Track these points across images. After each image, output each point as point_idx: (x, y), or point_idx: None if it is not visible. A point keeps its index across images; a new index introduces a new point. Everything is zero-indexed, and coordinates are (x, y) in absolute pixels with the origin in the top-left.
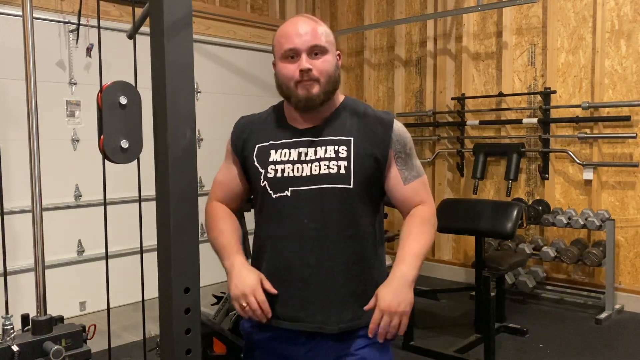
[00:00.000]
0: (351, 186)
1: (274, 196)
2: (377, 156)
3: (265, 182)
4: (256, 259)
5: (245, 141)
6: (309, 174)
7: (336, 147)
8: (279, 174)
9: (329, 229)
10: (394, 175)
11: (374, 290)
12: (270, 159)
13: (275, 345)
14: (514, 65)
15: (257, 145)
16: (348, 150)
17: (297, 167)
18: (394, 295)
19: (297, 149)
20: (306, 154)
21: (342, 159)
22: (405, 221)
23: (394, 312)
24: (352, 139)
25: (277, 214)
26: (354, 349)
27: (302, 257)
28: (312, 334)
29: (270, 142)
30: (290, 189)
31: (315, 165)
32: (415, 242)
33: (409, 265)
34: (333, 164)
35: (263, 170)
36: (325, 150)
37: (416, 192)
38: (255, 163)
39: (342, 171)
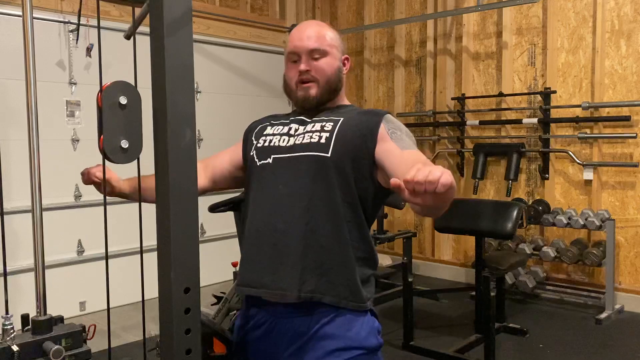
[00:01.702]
0: (328, 155)
1: (258, 164)
2: (364, 133)
3: (253, 152)
4: (242, 225)
5: (254, 127)
6: (292, 144)
7: (324, 123)
8: (266, 144)
9: (301, 196)
10: (389, 147)
11: (343, 271)
12: (264, 133)
13: (261, 346)
14: (514, 65)
15: (259, 126)
16: (334, 126)
17: (284, 139)
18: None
19: (289, 125)
20: (296, 130)
21: (326, 132)
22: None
23: (435, 168)
24: (341, 118)
25: (258, 181)
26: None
27: (272, 222)
28: (296, 335)
29: (271, 121)
30: (273, 156)
31: (300, 137)
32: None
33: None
34: (316, 135)
35: (255, 142)
36: (313, 125)
37: (417, 156)
38: (252, 138)
39: (323, 141)
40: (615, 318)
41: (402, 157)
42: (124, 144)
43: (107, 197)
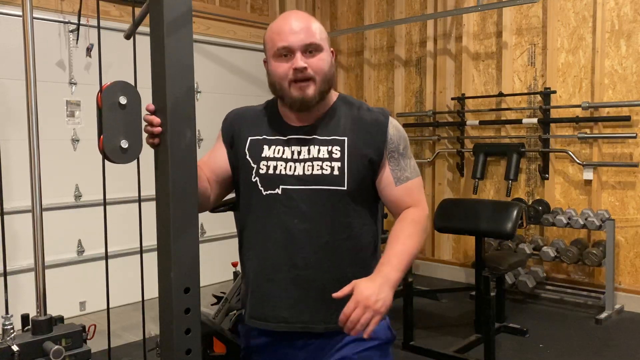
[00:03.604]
0: (345, 188)
1: (264, 193)
2: (372, 157)
3: (256, 178)
4: (243, 256)
5: (237, 132)
6: (301, 173)
7: (330, 147)
8: (270, 171)
9: (320, 231)
10: (386, 176)
11: None
12: (263, 155)
13: (273, 350)
14: (514, 65)
15: (249, 138)
16: (342, 151)
17: (290, 166)
18: (374, 290)
19: (290, 147)
20: (299, 153)
21: (336, 160)
22: (395, 223)
23: (369, 306)
24: (345, 138)
25: (266, 212)
26: (353, 352)
27: (290, 258)
28: (310, 337)
29: (264, 136)
30: (281, 187)
31: (309, 165)
32: (403, 244)
33: (394, 266)
34: (327, 165)
35: (255, 166)
36: (319, 150)
37: (408, 194)
38: (247, 157)
39: (336, 172)
40: (615, 318)
41: (394, 195)
42: (124, 144)
43: (107, 197)
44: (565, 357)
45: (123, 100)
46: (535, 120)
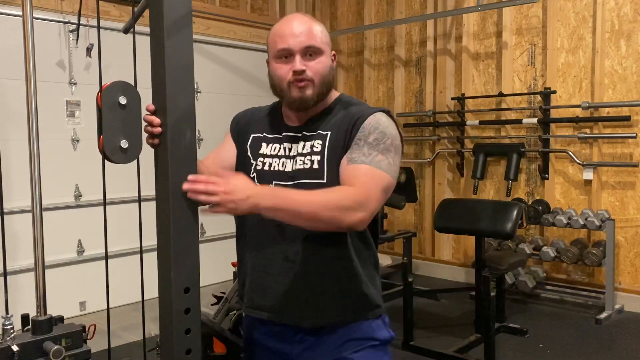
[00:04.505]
0: (324, 181)
1: None
2: (347, 148)
3: (254, 174)
4: (240, 251)
5: (242, 129)
6: (290, 169)
7: (313, 142)
8: (266, 167)
9: None
10: (343, 160)
11: (359, 287)
12: (261, 152)
13: (272, 343)
14: (514, 65)
15: (252, 135)
16: (323, 145)
17: (283, 162)
18: (241, 185)
19: (283, 144)
20: (290, 150)
21: (316, 154)
22: None
23: (227, 195)
24: (329, 133)
25: None
26: (350, 352)
27: (282, 251)
28: (306, 333)
29: (264, 134)
30: (274, 182)
31: (298, 161)
32: (301, 194)
33: (275, 196)
34: (307, 159)
35: (254, 162)
36: (304, 146)
37: (354, 174)
38: (249, 153)
39: (316, 166)
40: (615, 318)
41: (342, 174)
42: (124, 144)
43: (107, 197)
44: (565, 357)
45: (123, 100)
46: (535, 120)
